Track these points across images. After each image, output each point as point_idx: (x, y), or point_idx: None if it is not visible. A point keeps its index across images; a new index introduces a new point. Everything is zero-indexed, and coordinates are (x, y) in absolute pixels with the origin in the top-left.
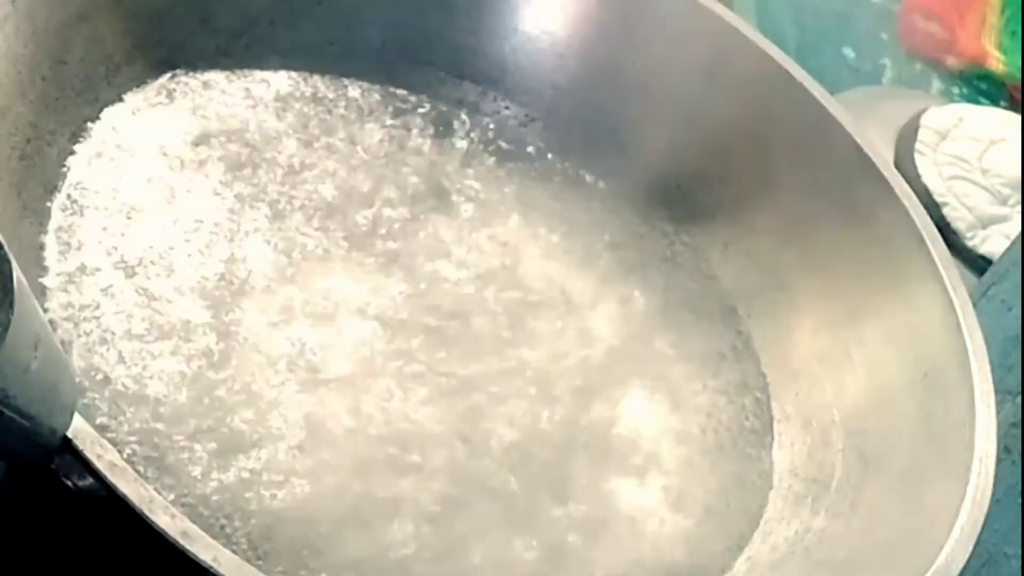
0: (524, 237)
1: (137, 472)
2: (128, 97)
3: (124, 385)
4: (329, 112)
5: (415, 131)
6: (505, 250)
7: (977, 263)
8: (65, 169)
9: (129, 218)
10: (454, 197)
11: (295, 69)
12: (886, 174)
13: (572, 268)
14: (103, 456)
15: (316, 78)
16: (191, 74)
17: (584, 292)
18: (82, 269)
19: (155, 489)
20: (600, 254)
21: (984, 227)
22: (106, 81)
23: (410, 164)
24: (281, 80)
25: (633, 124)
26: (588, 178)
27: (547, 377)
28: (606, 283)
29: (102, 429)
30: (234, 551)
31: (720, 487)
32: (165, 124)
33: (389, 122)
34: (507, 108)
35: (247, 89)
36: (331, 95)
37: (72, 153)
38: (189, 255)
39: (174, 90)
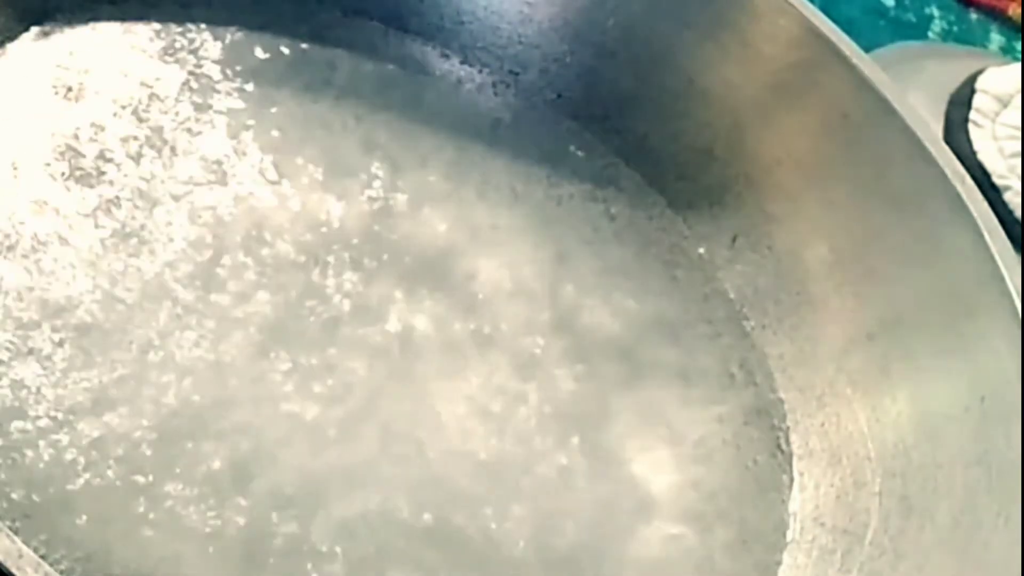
0: (484, 226)
1: None
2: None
3: None
4: (225, 75)
5: (343, 99)
6: (461, 244)
7: None
8: None
9: None
10: (393, 178)
11: (197, 21)
12: (933, 151)
13: (543, 266)
14: None
15: (222, 31)
16: (67, 27)
17: (559, 297)
18: None
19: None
20: (577, 249)
21: None
22: None
23: (337, 142)
24: (177, 33)
25: (618, 88)
26: (562, 154)
27: (513, 402)
28: (584, 286)
29: None
30: None
31: (725, 540)
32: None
33: (310, 88)
34: (462, 68)
35: (137, 44)
36: (239, 52)
37: None
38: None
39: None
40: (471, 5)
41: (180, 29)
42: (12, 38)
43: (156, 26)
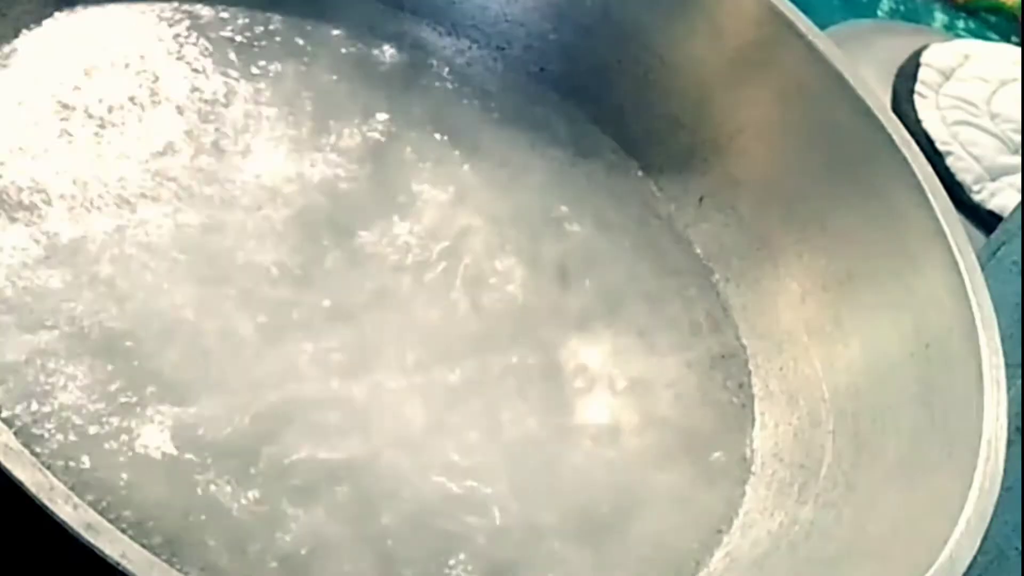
0: (471, 191)
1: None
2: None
3: None
4: (245, 49)
5: (344, 71)
6: (451, 209)
7: (985, 219)
8: None
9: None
10: (391, 144)
11: (207, 1)
12: (882, 119)
13: (527, 225)
14: None
15: (232, 9)
16: (92, 5)
17: (540, 253)
18: None
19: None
20: (557, 209)
21: (993, 179)
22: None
23: (339, 111)
24: (188, 12)
25: (596, 62)
26: (544, 122)
27: (496, 349)
28: (564, 242)
29: None
30: (143, 546)
31: (695, 474)
32: (62, 60)
33: (313, 63)
34: (454, 43)
35: (150, 23)
36: (247, 30)
37: None
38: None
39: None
40: None
41: (191, 8)
42: (41, 19)
43: (171, 5)
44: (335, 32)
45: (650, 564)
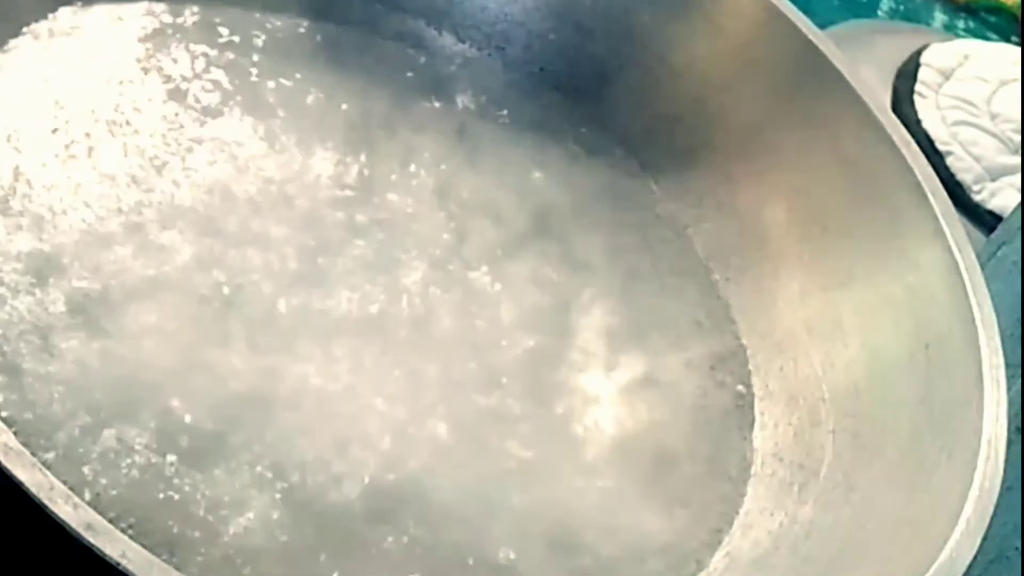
0: (470, 191)
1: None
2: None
3: None
4: (242, 50)
5: (346, 71)
6: (450, 209)
7: (985, 219)
8: None
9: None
10: (390, 144)
11: (207, 1)
12: (882, 119)
13: (528, 224)
14: None
15: (232, 11)
16: (94, 4)
17: (540, 252)
18: None
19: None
20: (558, 208)
21: (993, 179)
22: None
23: (338, 110)
24: (194, 11)
25: (595, 62)
26: (544, 122)
27: (496, 348)
28: (563, 240)
29: None
30: (144, 545)
31: (694, 474)
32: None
33: (314, 61)
34: (454, 44)
35: (154, 23)
36: (248, 31)
37: None
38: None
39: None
40: None
41: (191, 9)
42: (43, 16)
43: (173, 6)
44: (336, 32)
45: (650, 564)
